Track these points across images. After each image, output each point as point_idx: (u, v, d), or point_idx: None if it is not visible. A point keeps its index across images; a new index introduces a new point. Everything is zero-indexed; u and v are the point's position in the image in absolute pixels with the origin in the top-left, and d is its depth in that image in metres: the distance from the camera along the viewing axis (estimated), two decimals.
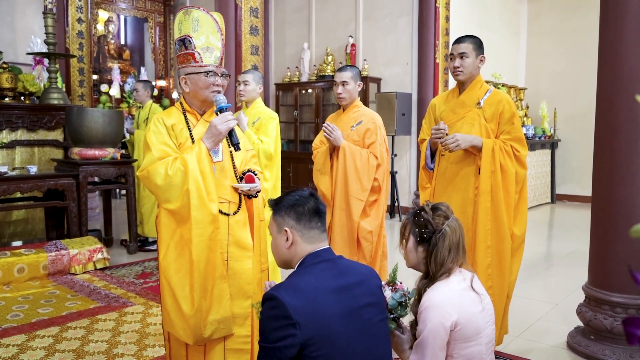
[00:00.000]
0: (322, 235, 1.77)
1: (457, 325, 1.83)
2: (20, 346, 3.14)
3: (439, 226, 1.92)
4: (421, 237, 1.94)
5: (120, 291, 4.22)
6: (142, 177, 2.11)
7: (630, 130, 2.88)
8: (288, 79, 9.14)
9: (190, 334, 2.07)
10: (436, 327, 1.82)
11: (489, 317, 1.94)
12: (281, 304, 1.53)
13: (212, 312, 2.08)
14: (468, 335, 1.85)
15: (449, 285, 1.90)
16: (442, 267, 1.91)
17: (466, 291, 1.90)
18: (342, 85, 3.42)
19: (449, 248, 1.91)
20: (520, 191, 2.90)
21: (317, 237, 1.75)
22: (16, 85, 5.57)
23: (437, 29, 7.52)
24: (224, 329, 2.12)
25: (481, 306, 1.91)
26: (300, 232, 1.72)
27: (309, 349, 1.53)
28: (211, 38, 2.15)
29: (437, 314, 1.82)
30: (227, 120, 2.09)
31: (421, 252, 1.96)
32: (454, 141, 2.77)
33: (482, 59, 2.92)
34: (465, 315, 1.84)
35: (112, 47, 10.73)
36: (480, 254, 2.82)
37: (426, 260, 1.94)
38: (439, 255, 1.90)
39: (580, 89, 9.16)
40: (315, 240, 1.74)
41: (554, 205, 9.38)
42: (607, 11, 2.99)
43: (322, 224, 1.77)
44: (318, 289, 1.61)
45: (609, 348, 2.96)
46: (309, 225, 1.73)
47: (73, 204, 5.00)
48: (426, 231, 1.93)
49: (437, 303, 1.85)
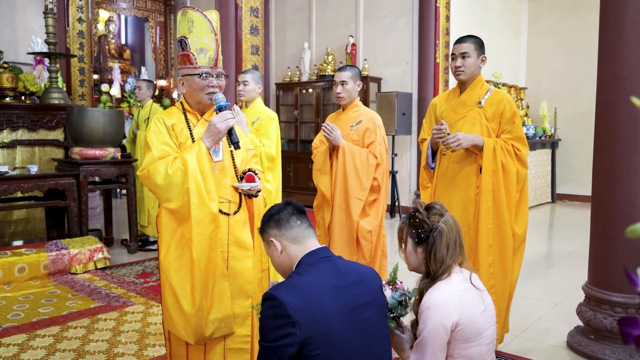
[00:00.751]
0: (307, 231, 1.78)
1: (457, 325, 1.83)
2: (21, 345, 3.15)
3: (435, 224, 1.93)
4: (419, 238, 1.95)
5: (121, 291, 4.23)
6: (143, 177, 2.11)
7: (630, 130, 2.88)
8: (288, 78, 9.14)
9: (192, 333, 2.07)
10: (436, 327, 1.82)
11: (490, 317, 1.93)
12: (280, 303, 1.54)
13: (213, 311, 2.09)
14: (469, 336, 1.84)
15: (450, 284, 1.90)
16: (442, 265, 1.91)
17: (467, 291, 1.90)
18: (341, 85, 3.42)
19: (447, 245, 1.91)
20: (522, 190, 2.91)
21: (302, 234, 1.76)
22: (17, 85, 5.58)
23: (437, 29, 7.52)
24: (225, 327, 2.12)
25: (483, 306, 1.90)
26: (284, 235, 1.76)
27: (308, 347, 1.53)
28: (205, 39, 2.14)
29: (437, 314, 1.82)
30: (227, 119, 2.09)
31: (420, 252, 1.96)
32: (456, 140, 2.78)
33: (483, 59, 2.94)
34: (466, 316, 1.84)
35: (112, 47, 10.74)
36: (483, 252, 2.83)
37: (426, 260, 1.94)
38: (438, 253, 1.91)
39: (580, 88, 9.16)
40: (301, 237, 1.76)
41: (554, 205, 9.38)
42: (607, 11, 2.99)
43: (302, 221, 1.79)
44: (317, 288, 1.61)
45: (609, 347, 2.96)
46: (288, 226, 1.76)
47: (74, 204, 5.01)
48: (423, 231, 1.93)
49: (438, 303, 1.85)
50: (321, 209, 3.51)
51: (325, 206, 3.45)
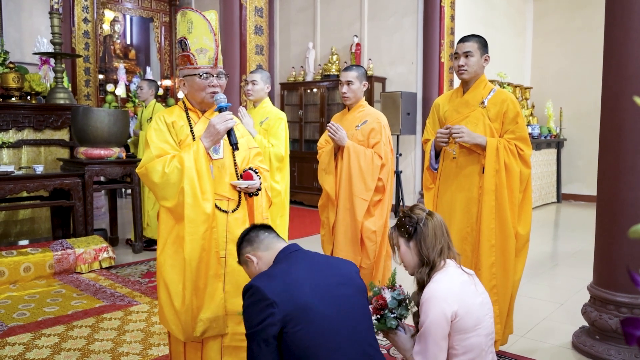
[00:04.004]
0: (276, 238, 1.93)
1: (457, 316, 1.90)
2: (26, 345, 3.16)
3: (420, 216, 2.06)
4: (408, 233, 2.06)
5: (126, 290, 4.24)
6: (141, 175, 2.13)
7: (636, 130, 2.86)
8: (293, 78, 9.14)
9: (181, 330, 2.10)
10: (438, 317, 1.89)
11: (487, 309, 2.02)
12: (257, 289, 1.65)
13: (204, 310, 2.10)
14: (468, 326, 1.92)
15: (450, 276, 1.99)
16: (433, 249, 2.02)
17: (466, 284, 1.99)
18: (347, 85, 3.42)
19: (434, 231, 2.03)
20: (525, 190, 2.90)
21: (271, 241, 1.91)
22: (22, 85, 5.61)
23: (442, 28, 7.51)
24: (216, 327, 2.14)
25: (480, 297, 2.00)
26: (257, 248, 1.89)
27: (288, 325, 1.61)
28: (204, 39, 2.15)
29: (438, 304, 1.90)
30: (226, 120, 2.10)
31: (413, 247, 2.06)
32: (459, 131, 2.81)
33: (486, 59, 2.93)
34: (465, 306, 1.92)
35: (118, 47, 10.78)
36: (485, 253, 2.83)
37: (419, 249, 2.04)
38: (427, 239, 2.02)
39: (585, 88, 9.13)
40: (271, 244, 1.90)
41: (559, 205, 9.35)
42: (612, 10, 2.98)
43: (269, 232, 1.94)
44: (291, 272, 1.72)
45: (614, 348, 2.95)
46: (258, 239, 1.91)
47: (79, 204, 5.03)
48: (410, 225, 2.05)
49: (438, 294, 1.93)
50: (326, 208, 3.51)
51: (330, 206, 3.45)
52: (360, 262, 3.33)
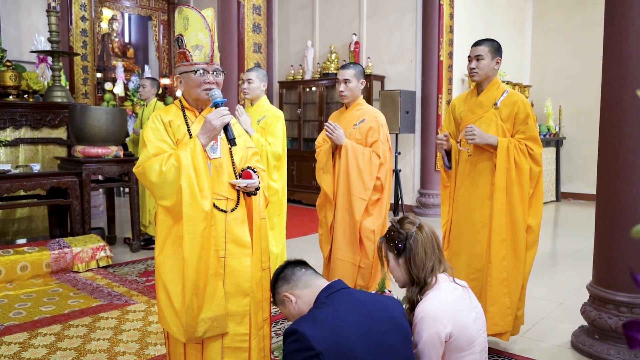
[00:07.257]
0: (314, 275, 1.86)
1: (451, 336, 1.87)
2: (22, 344, 3.14)
3: (409, 231, 2.00)
4: (397, 249, 2.01)
5: (123, 289, 4.22)
6: (138, 174, 2.11)
7: (636, 128, 2.85)
8: (292, 76, 9.12)
9: (183, 331, 2.06)
10: (432, 338, 1.86)
11: (481, 324, 2.00)
12: (302, 337, 1.56)
13: (205, 310, 2.07)
14: (462, 346, 1.90)
15: (442, 293, 1.94)
16: (423, 269, 1.96)
17: (459, 300, 1.95)
18: (344, 83, 3.40)
19: (424, 249, 1.98)
20: (536, 186, 3.07)
21: (310, 278, 1.84)
22: (20, 83, 5.59)
23: (441, 27, 7.49)
24: (218, 327, 2.11)
25: (474, 313, 1.96)
26: (295, 286, 1.84)
27: None
28: (200, 35, 2.14)
29: (432, 324, 1.87)
30: (222, 116, 2.07)
31: (403, 264, 2.01)
32: (471, 132, 2.96)
33: (498, 61, 3.11)
34: (459, 325, 1.88)
35: (116, 45, 10.75)
36: (495, 247, 2.97)
37: (408, 268, 1.99)
38: (417, 258, 1.97)
39: (585, 86, 9.11)
40: (310, 281, 1.83)
41: (559, 203, 9.34)
42: (612, 8, 2.97)
43: (306, 269, 1.89)
44: (337, 317, 1.63)
45: (613, 347, 2.93)
46: (295, 277, 1.85)
47: (76, 202, 5.01)
48: (399, 240, 2.00)
49: (431, 314, 1.89)
50: (324, 208, 3.48)
51: (328, 205, 3.43)
52: (359, 262, 3.31)
